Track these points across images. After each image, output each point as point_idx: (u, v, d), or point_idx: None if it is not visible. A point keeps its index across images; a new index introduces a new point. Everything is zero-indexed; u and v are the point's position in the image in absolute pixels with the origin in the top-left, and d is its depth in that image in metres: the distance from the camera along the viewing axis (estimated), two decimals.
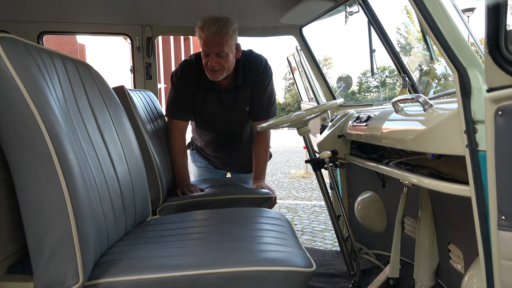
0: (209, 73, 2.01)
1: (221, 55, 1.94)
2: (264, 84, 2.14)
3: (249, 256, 1.01)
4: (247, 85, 2.11)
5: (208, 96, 2.11)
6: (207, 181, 2.31)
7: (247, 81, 2.11)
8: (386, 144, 1.52)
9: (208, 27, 1.91)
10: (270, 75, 2.16)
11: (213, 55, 1.94)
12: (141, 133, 1.77)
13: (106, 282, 0.94)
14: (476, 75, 0.94)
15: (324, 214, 4.50)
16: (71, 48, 16.64)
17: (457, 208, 1.51)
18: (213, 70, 1.98)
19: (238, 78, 2.08)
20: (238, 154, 2.37)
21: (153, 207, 1.84)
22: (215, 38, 1.91)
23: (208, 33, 1.90)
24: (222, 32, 1.91)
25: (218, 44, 1.92)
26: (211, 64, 1.95)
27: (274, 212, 1.44)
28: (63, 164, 0.90)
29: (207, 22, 1.92)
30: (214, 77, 2.01)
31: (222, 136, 2.27)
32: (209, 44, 1.93)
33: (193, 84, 2.08)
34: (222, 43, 1.92)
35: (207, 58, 1.96)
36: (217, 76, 2.00)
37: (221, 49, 1.93)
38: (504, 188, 0.88)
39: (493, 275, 0.93)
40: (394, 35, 23.50)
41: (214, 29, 1.90)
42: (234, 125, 2.21)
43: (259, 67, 2.12)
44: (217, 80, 2.03)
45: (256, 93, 2.13)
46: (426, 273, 1.69)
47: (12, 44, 0.92)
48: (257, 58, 2.14)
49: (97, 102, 1.28)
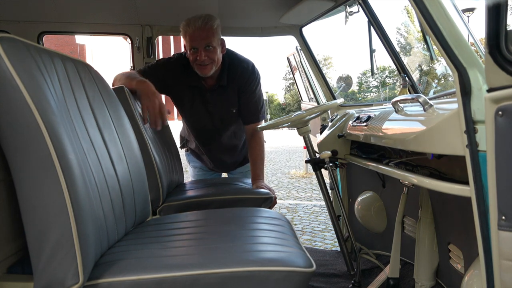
0: (198, 69, 2.00)
1: (209, 48, 1.95)
2: (252, 88, 2.14)
3: (249, 256, 1.01)
4: (231, 86, 2.11)
5: (194, 95, 2.11)
6: (205, 181, 2.31)
7: (232, 82, 2.10)
8: (386, 144, 1.52)
9: (194, 22, 1.93)
10: (258, 79, 2.17)
11: (202, 49, 1.95)
12: (141, 133, 1.77)
13: (106, 282, 0.94)
14: (476, 75, 0.94)
15: (324, 214, 4.50)
16: (71, 48, 16.64)
17: (457, 208, 1.51)
18: (203, 65, 1.98)
19: (223, 77, 2.08)
20: (224, 154, 2.38)
21: (153, 207, 1.83)
22: (202, 32, 1.93)
23: (194, 27, 1.92)
24: (208, 25, 1.93)
25: (206, 37, 1.94)
26: (201, 58, 1.95)
27: (274, 212, 1.44)
28: (63, 164, 0.90)
29: (192, 19, 1.95)
30: (204, 72, 2.00)
31: (208, 136, 2.27)
32: (197, 38, 1.94)
33: (177, 79, 2.08)
34: (209, 35, 1.94)
35: (195, 53, 1.96)
36: (207, 70, 2.00)
37: (208, 41, 1.94)
38: (504, 188, 0.88)
39: (493, 275, 0.93)
40: (394, 35, 23.56)
41: (200, 23, 1.92)
42: (220, 124, 2.21)
43: (246, 71, 2.12)
44: (207, 75, 2.02)
45: (245, 97, 2.14)
46: (426, 273, 1.69)
47: (12, 44, 0.92)
48: (243, 61, 2.15)
49: (97, 102, 1.28)
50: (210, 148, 2.33)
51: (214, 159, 2.40)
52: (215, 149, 2.33)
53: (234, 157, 2.42)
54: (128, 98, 1.77)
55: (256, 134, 2.18)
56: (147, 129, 1.88)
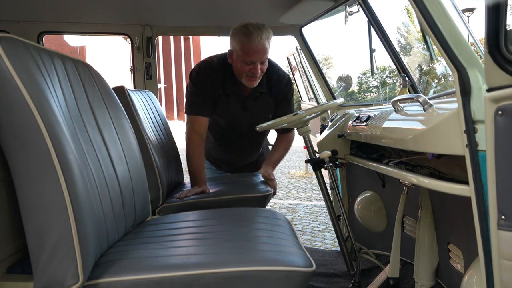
0: (248, 80, 1.97)
1: (264, 62, 1.94)
2: (289, 97, 2.17)
3: (248, 256, 1.01)
4: (268, 93, 2.12)
5: (232, 100, 2.08)
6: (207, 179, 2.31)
7: (269, 89, 2.11)
8: (386, 144, 1.52)
9: (255, 35, 1.86)
10: (293, 89, 2.20)
11: (258, 63, 1.91)
12: (141, 133, 1.76)
13: (106, 282, 0.94)
14: (476, 75, 0.94)
15: (324, 214, 4.50)
16: (71, 48, 16.66)
17: (457, 208, 1.51)
18: (254, 77, 1.96)
19: (262, 84, 2.07)
20: (247, 159, 2.38)
21: (153, 207, 1.83)
22: (262, 47, 1.89)
23: (255, 42, 1.87)
24: (269, 40, 1.92)
25: (264, 53, 1.91)
26: (257, 72, 1.93)
27: (274, 212, 1.44)
28: (63, 164, 0.90)
29: (252, 30, 1.87)
30: (253, 84, 1.99)
31: (237, 141, 2.25)
32: (257, 53, 1.89)
33: (215, 86, 2.04)
34: (267, 51, 1.92)
35: (249, 66, 1.92)
36: (255, 83, 1.99)
37: (266, 56, 1.93)
38: (504, 188, 0.88)
39: (493, 275, 0.94)
40: (394, 35, 23.56)
41: (263, 37, 1.87)
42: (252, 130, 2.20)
43: (283, 79, 2.14)
44: (254, 86, 2.01)
45: (282, 106, 2.15)
46: (426, 273, 1.69)
47: (12, 44, 0.92)
48: (279, 70, 2.16)
49: (97, 102, 1.28)
50: (233, 151, 2.32)
51: (232, 161, 2.39)
52: (234, 150, 2.32)
53: (247, 160, 2.42)
54: (128, 98, 1.77)
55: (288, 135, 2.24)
56: (147, 129, 1.88)
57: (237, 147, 2.29)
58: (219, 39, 34.34)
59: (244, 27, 1.90)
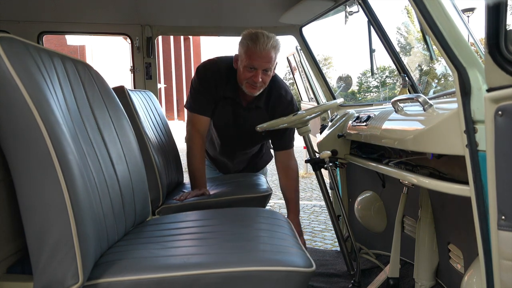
0: (248, 87, 1.92)
1: (266, 72, 1.88)
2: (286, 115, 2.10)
3: (248, 256, 1.01)
4: (265, 108, 2.06)
5: (227, 106, 2.05)
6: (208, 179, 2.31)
7: (266, 104, 2.06)
8: (386, 144, 1.52)
9: (262, 41, 1.82)
10: (296, 109, 2.11)
11: (260, 71, 1.86)
12: (141, 133, 1.76)
13: (105, 282, 0.94)
14: (476, 75, 0.95)
15: (324, 214, 4.50)
16: (71, 48, 16.65)
17: (457, 208, 1.51)
18: (254, 85, 1.90)
19: (261, 99, 2.03)
20: (239, 164, 2.37)
21: (153, 207, 1.83)
22: (267, 54, 1.83)
23: (261, 48, 1.81)
24: (275, 50, 1.86)
25: (268, 61, 1.85)
26: (257, 80, 1.86)
27: (274, 212, 1.44)
28: (63, 164, 0.90)
29: (260, 35, 1.83)
30: (253, 92, 1.94)
31: (225, 146, 2.25)
32: (261, 58, 1.84)
33: (218, 87, 2.01)
34: (272, 60, 1.87)
35: (251, 72, 1.86)
36: (255, 91, 1.94)
37: (270, 65, 1.88)
38: (504, 188, 0.88)
39: (493, 275, 0.94)
40: (394, 35, 23.55)
41: (269, 44, 1.82)
42: (244, 139, 2.18)
43: (285, 98, 2.06)
44: (254, 95, 1.96)
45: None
46: (426, 273, 1.69)
47: (12, 44, 0.92)
48: (283, 88, 2.09)
49: (97, 102, 1.28)
50: (225, 154, 2.31)
51: (224, 163, 2.38)
52: (230, 155, 2.31)
53: (239, 164, 2.41)
54: (128, 98, 1.77)
55: (289, 169, 2.13)
56: (147, 129, 1.88)
57: (225, 151, 2.28)
58: (219, 39, 34.38)
59: (253, 33, 1.87)
